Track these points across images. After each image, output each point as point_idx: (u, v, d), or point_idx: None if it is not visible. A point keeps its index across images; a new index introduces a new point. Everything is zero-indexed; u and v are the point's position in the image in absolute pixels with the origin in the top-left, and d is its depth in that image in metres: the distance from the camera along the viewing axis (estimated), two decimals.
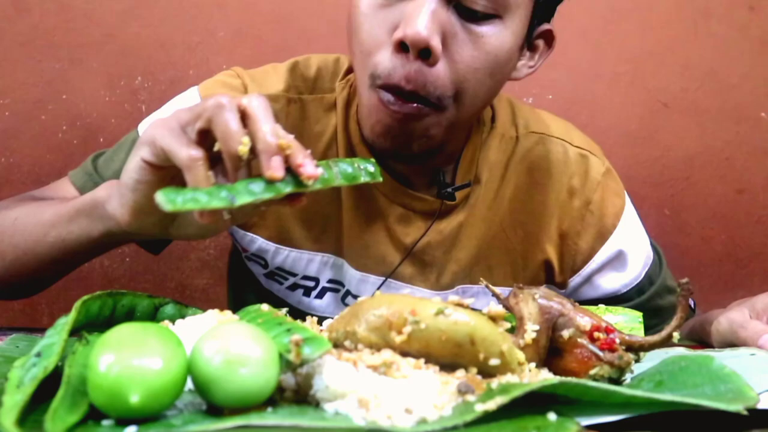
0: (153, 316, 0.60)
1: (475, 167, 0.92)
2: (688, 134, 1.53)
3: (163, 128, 0.58)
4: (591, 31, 1.47)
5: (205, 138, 0.57)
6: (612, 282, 0.96)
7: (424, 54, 0.73)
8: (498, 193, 0.93)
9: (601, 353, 0.56)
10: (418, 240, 0.91)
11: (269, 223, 0.93)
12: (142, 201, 0.61)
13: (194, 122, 0.58)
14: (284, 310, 0.58)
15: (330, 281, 0.96)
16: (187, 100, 0.90)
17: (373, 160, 0.62)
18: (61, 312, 0.56)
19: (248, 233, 0.94)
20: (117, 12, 1.35)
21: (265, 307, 0.56)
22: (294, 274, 0.95)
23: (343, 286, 0.95)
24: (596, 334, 0.56)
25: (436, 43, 0.72)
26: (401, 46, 0.73)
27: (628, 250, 0.95)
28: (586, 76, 1.48)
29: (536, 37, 0.85)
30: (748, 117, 1.53)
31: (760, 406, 0.46)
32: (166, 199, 0.51)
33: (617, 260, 0.96)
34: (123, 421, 0.41)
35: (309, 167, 0.55)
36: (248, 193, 0.54)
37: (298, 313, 0.95)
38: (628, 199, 0.98)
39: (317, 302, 0.97)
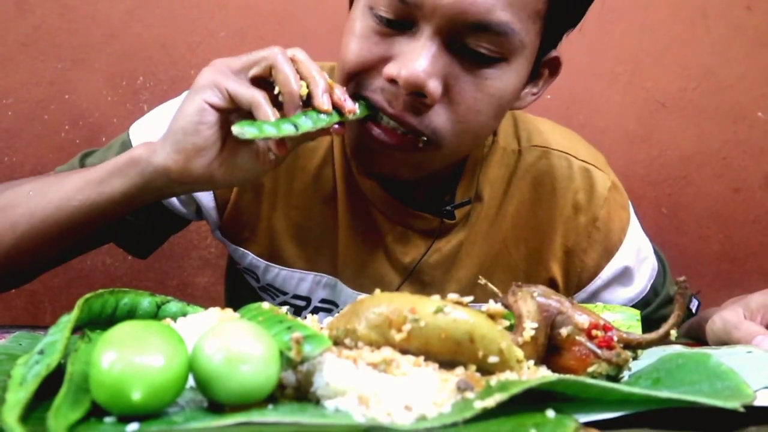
0: (155, 314, 0.60)
1: (475, 184, 0.89)
2: (685, 134, 1.53)
3: (221, 74, 0.68)
4: (589, 31, 1.46)
5: (257, 83, 0.68)
6: (618, 297, 0.95)
7: (419, 96, 0.70)
8: (500, 210, 0.91)
9: (599, 351, 0.56)
10: (419, 261, 0.89)
11: (260, 239, 0.91)
12: (200, 143, 0.69)
13: (249, 69, 0.69)
14: (285, 308, 0.58)
15: (323, 301, 0.94)
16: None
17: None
18: (63, 310, 0.56)
19: (239, 248, 0.92)
20: (119, 13, 1.35)
21: (265, 305, 0.57)
22: (284, 293, 0.94)
23: (337, 306, 0.94)
24: (594, 332, 0.57)
25: (434, 87, 0.69)
26: (392, 83, 0.70)
27: (634, 265, 0.94)
28: (585, 76, 1.49)
29: (542, 65, 0.82)
30: (745, 117, 1.54)
31: (757, 403, 0.46)
32: (243, 131, 0.62)
33: (623, 276, 0.94)
34: (125, 418, 0.41)
35: (348, 102, 0.70)
36: (306, 122, 0.66)
37: None
38: (632, 211, 0.96)
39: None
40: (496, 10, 0.68)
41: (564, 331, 0.57)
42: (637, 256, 0.94)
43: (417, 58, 0.68)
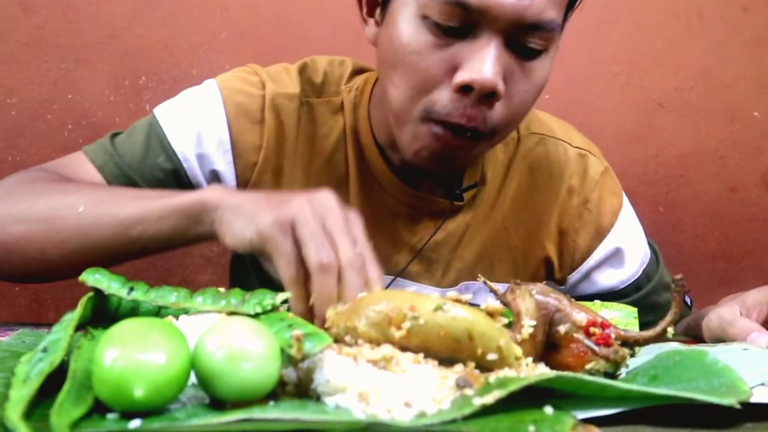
0: (157, 311, 0.60)
1: (480, 168, 0.93)
2: (682, 133, 1.54)
3: (283, 248, 0.62)
4: (586, 31, 1.47)
5: None
6: (610, 278, 0.98)
7: (488, 96, 0.73)
8: (500, 193, 0.95)
9: (596, 348, 0.56)
10: (427, 240, 0.92)
11: None
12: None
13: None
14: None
15: None
16: (205, 91, 0.91)
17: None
18: (66, 308, 0.56)
19: None
20: (121, 13, 1.36)
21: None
22: None
23: None
24: (592, 330, 0.57)
25: (501, 87, 0.73)
26: (463, 88, 0.73)
27: (626, 247, 0.97)
28: (582, 76, 1.49)
29: None
30: (741, 116, 1.54)
31: (753, 399, 0.47)
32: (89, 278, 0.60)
33: (615, 257, 0.97)
34: (127, 415, 0.41)
35: None
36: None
37: None
38: (626, 199, 0.99)
39: None
40: (547, 9, 0.73)
41: (562, 329, 0.57)
42: (628, 240, 0.98)
43: (486, 62, 0.72)
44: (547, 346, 0.58)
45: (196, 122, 0.89)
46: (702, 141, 1.54)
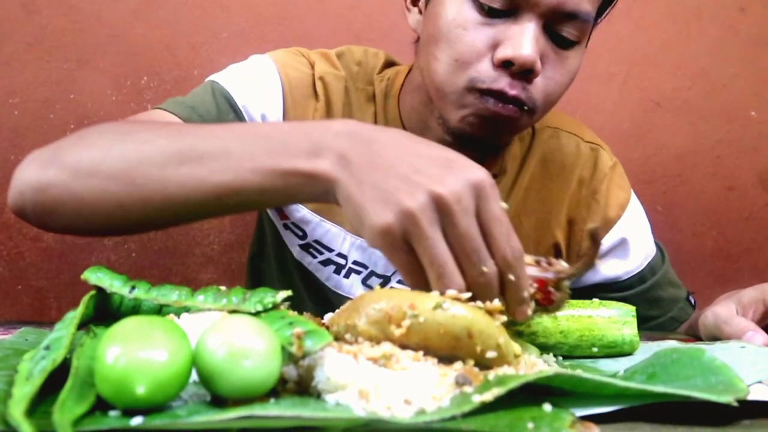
0: (158, 310, 0.60)
1: (501, 159, 0.97)
2: (679, 133, 1.54)
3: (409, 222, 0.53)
4: None
5: None
6: (614, 268, 1.00)
7: (527, 72, 0.79)
8: (516, 183, 0.98)
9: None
10: None
11: None
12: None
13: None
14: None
15: (355, 262, 0.97)
16: (259, 62, 0.94)
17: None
18: (69, 306, 0.56)
19: None
20: (123, 14, 1.36)
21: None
22: (330, 249, 0.97)
23: (366, 267, 0.97)
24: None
25: (539, 65, 0.79)
26: (504, 64, 0.78)
27: (631, 239, 0.99)
28: (580, 76, 1.48)
29: None
30: (738, 116, 1.55)
31: (750, 397, 0.47)
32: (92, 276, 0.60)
33: (620, 248, 0.99)
34: (129, 412, 0.41)
35: None
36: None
37: (323, 291, 0.98)
38: (634, 195, 1.02)
39: (345, 281, 0.98)
40: (585, 2, 0.79)
41: None
42: (634, 233, 1.00)
43: (526, 41, 0.77)
44: None
45: (256, 87, 0.91)
46: (699, 140, 1.55)
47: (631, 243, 0.99)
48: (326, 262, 0.98)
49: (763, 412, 0.48)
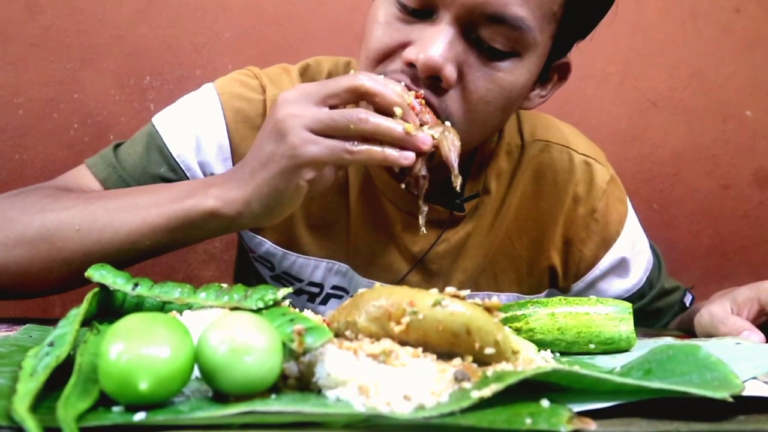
0: (161, 307, 0.61)
1: (483, 178, 0.91)
2: (675, 132, 1.55)
3: (319, 147, 0.66)
4: None
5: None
6: (615, 288, 0.97)
7: (435, 79, 0.72)
8: (504, 202, 0.93)
9: None
10: (428, 250, 0.91)
11: (279, 227, 0.91)
12: (294, 208, 0.71)
13: (330, 100, 0.67)
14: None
15: (334, 287, 0.95)
16: (203, 97, 0.89)
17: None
18: (72, 303, 0.57)
19: (257, 236, 0.93)
20: (126, 14, 1.37)
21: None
22: (300, 280, 0.95)
23: (347, 292, 0.95)
24: None
25: (449, 72, 0.71)
26: (412, 65, 0.72)
27: (631, 257, 0.96)
28: (578, 76, 1.48)
29: (552, 70, 0.84)
30: (734, 115, 1.56)
31: (745, 393, 0.47)
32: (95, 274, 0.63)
33: (620, 267, 0.96)
34: (132, 408, 0.42)
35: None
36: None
37: None
38: (629, 205, 0.98)
39: (321, 308, 0.96)
40: (513, 5, 0.70)
41: None
42: (633, 248, 0.96)
43: (434, 43, 0.70)
44: None
45: (195, 129, 0.87)
46: (695, 140, 1.55)
47: (631, 261, 0.96)
48: (298, 292, 0.96)
49: (758, 408, 0.48)
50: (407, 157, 0.66)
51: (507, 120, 0.85)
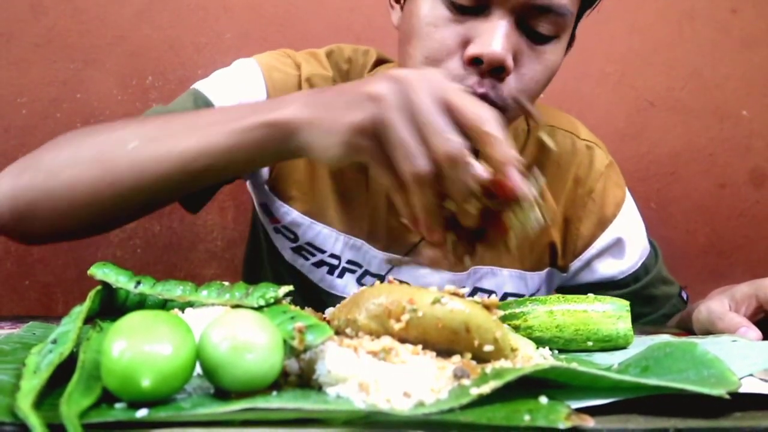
0: (163, 304, 0.61)
1: None
2: (673, 131, 1.55)
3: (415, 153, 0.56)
4: (579, 31, 1.48)
5: None
6: (610, 268, 1.00)
7: (497, 70, 0.75)
8: None
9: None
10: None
11: (308, 197, 0.94)
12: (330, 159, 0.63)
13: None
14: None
15: (349, 262, 0.97)
16: (245, 67, 0.93)
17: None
18: (75, 301, 0.57)
19: (285, 204, 0.95)
20: (128, 15, 1.37)
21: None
22: (322, 251, 0.97)
23: (360, 266, 0.97)
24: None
25: (510, 63, 0.75)
26: (474, 61, 0.75)
27: (627, 238, 0.99)
28: (575, 76, 1.50)
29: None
30: (731, 115, 1.56)
31: (742, 390, 0.47)
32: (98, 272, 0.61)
33: (616, 247, 1.00)
34: (135, 404, 0.42)
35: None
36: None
37: (316, 292, 0.97)
38: (629, 194, 1.02)
39: (338, 281, 0.98)
40: None
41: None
42: (629, 232, 1.00)
43: (496, 37, 0.74)
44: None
45: (239, 94, 0.89)
46: (692, 139, 1.56)
47: (627, 242, 0.99)
48: (319, 264, 0.98)
49: (755, 405, 0.48)
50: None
51: None
